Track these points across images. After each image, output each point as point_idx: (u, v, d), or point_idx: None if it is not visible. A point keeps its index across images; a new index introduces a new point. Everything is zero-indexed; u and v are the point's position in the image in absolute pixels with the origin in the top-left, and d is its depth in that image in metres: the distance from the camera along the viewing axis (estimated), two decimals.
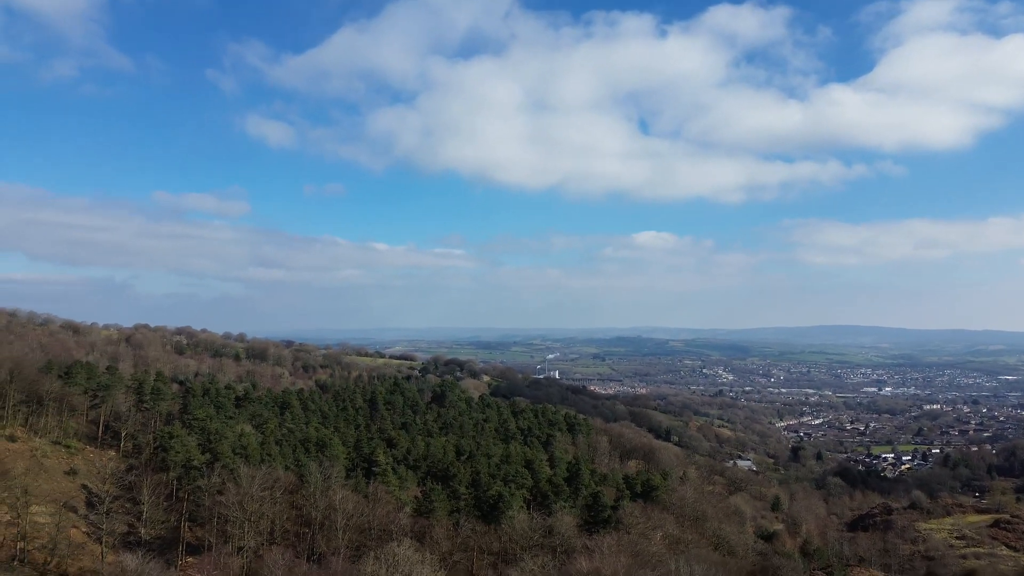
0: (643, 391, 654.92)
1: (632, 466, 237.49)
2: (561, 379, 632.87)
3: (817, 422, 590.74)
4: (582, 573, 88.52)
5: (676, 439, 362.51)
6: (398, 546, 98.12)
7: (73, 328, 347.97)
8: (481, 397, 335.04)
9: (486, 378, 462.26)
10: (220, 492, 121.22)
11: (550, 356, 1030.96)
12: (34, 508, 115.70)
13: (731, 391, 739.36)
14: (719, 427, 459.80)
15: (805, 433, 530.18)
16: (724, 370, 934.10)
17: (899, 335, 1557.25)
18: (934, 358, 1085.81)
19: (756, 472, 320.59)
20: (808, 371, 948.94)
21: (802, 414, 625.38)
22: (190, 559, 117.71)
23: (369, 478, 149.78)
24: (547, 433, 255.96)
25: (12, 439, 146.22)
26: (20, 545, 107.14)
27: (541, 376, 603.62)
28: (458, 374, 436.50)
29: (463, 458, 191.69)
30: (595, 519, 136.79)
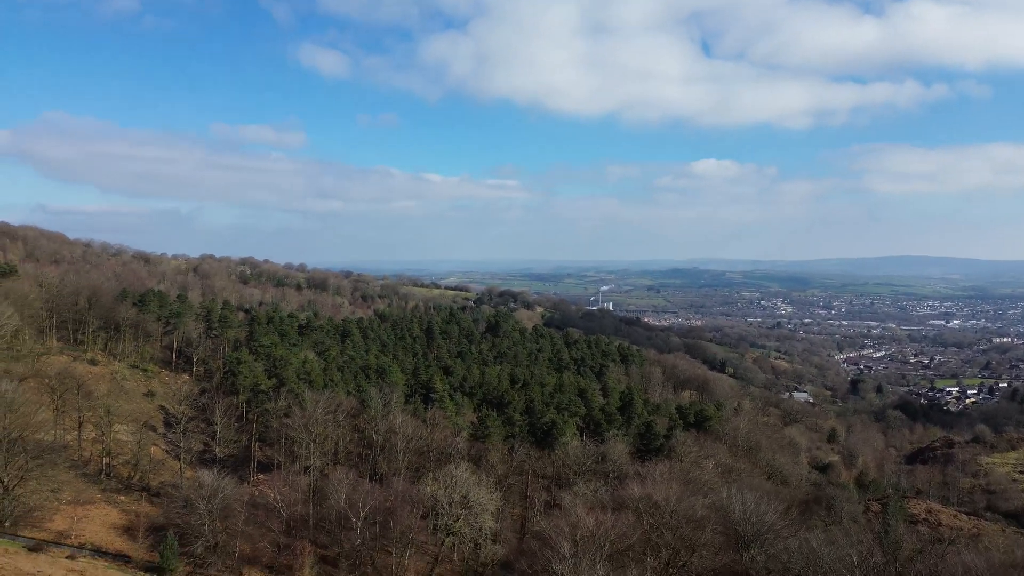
0: (698, 323, 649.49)
1: (685, 397, 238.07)
2: (615, 311, 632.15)
3: (879, 355, 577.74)
4: (634, 498, 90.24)
5: (731, 371, 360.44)
6: (455, 468, 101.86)
7: (144, 258, 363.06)
8: (535, 328, 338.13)
9: (539, 309, 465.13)
10: (286, 415, 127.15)
11: (604, 288, 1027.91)
12: (117, 427, 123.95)
13: (789, 323, 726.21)
14: (776, 359, 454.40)
15: (866, 366, 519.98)
16: (783, 302, 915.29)
17: (971, 266, 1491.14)
18: (1007, 290, 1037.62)
19: (813, 404, 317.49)
20: (871, 303, 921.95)
21: (863, 347, 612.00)
22: (261, 476, 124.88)
23: (427, 404, 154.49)
24: (600, 363, 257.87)
25: (93, 363, 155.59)
26: (106, 460, 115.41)
27: (595, 308, 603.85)
28: (512, 305, 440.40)
29: (517, 386, 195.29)
30: (647, 447, 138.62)
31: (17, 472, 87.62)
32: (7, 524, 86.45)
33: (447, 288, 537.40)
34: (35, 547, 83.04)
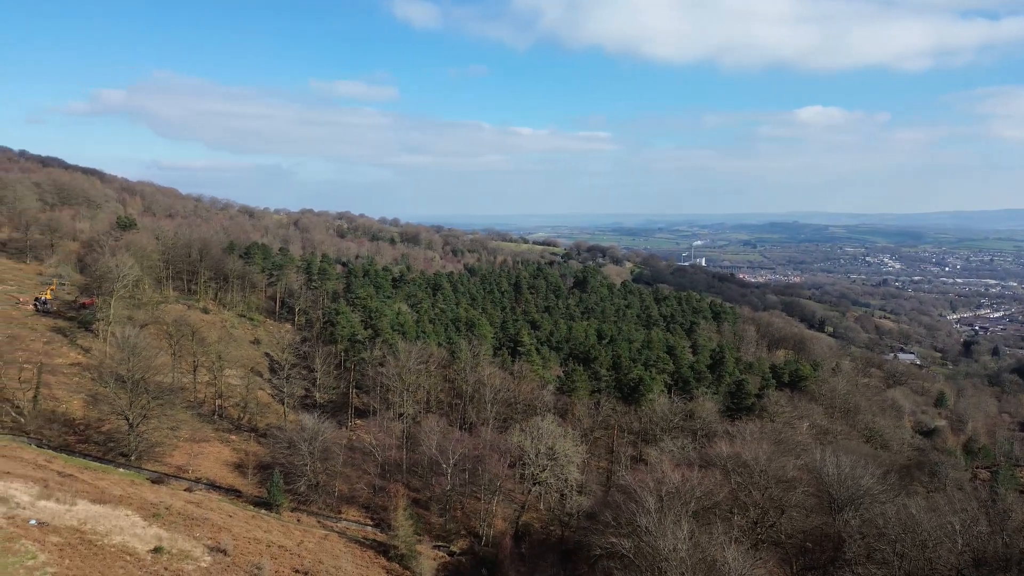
0: (796, 280, 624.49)
1: (780, 356, 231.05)
2: (707, 266, 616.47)
3: (997, 315, 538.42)
4: (722, 456, 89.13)
5: (830, 330, 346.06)
6: (542, 420, 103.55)
7: (249, 212, 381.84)
8: (623, 283, 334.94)
9: (628, 264, 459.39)
10: (381, 364, 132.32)
11: (696, 243, 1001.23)
12: (227, 371, 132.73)
13: (897, 280, 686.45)
14: (880, 319, 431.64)
15: (981, 327, 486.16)
16: (890, 258, 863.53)
17: None
18: None
19: (919, 366, 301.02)
20: (991, 260, 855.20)
21: (979, 306, 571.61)
22: (358, 422, 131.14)
23: (514, 357, 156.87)
24: (691, 320, 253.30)
25: (205, 311, 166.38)
26: (218, 402, 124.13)
27: (686, 263, 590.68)
28: (600, 260, 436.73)
29: (604, 342, 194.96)
30: (738, 406, 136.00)
31: (140, 411, 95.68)
32: (133, 458, 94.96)
33: (535, 243, 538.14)
34: (157, 479, 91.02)
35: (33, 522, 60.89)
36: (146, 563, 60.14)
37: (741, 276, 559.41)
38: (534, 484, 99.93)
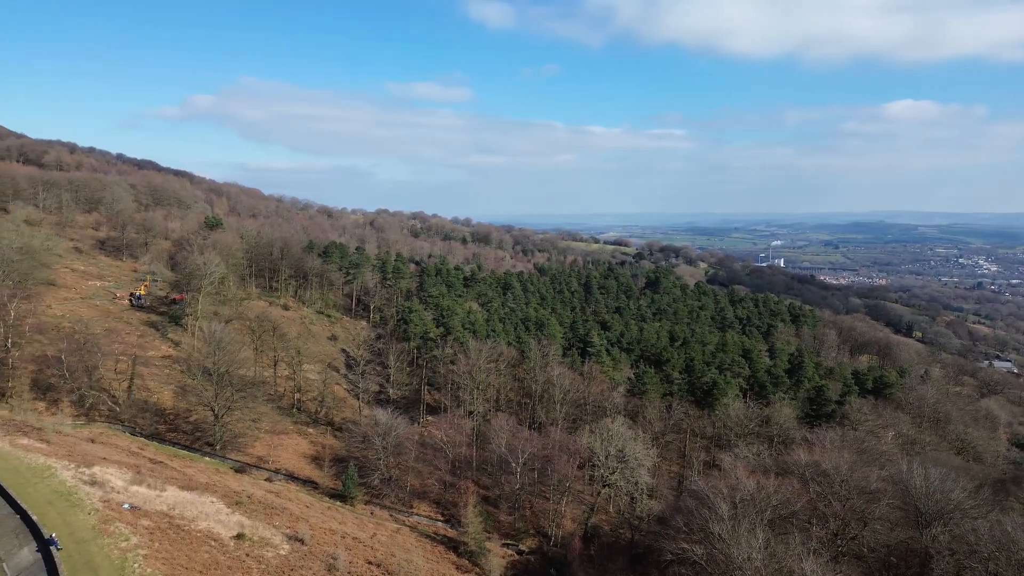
0: (882, 282, 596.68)
1: (864, 361, 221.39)
2: (786, 267, 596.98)
3: None
4: (800, 464, 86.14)
5: (919, 335, 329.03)
6: (612, 422, 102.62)
7: (327, 212, 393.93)
8: (697, 284, 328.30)
9: (702, 265, 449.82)
10: (452, 362, 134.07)
11: (775, 243, 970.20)
12: (306, 366, 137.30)
13: (993, 284, 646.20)
14: (974, 324, 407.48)
15: None
16: (986, 260, 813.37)
17: None
18: None
19: (1017, 375, 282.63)
20: None
21: None
22: (429, 418, 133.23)
23: (584, 357, 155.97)
24: (768, 323, 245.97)
25: (286, 308, 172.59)
26: (297, 396, 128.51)
27: (763, 264, 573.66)
28: (673, 260, 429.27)
29: (677, 344, 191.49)
30: (817, 413, 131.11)
31: (225, 402, 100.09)
32: (218, 447, 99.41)
33: (605, 243, 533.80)
34: (240, 469, 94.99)
35: (126, 506, 64.54)
36: (229, 548, 62.83)
37: (822, 278, 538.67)
38: (604, 486, 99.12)
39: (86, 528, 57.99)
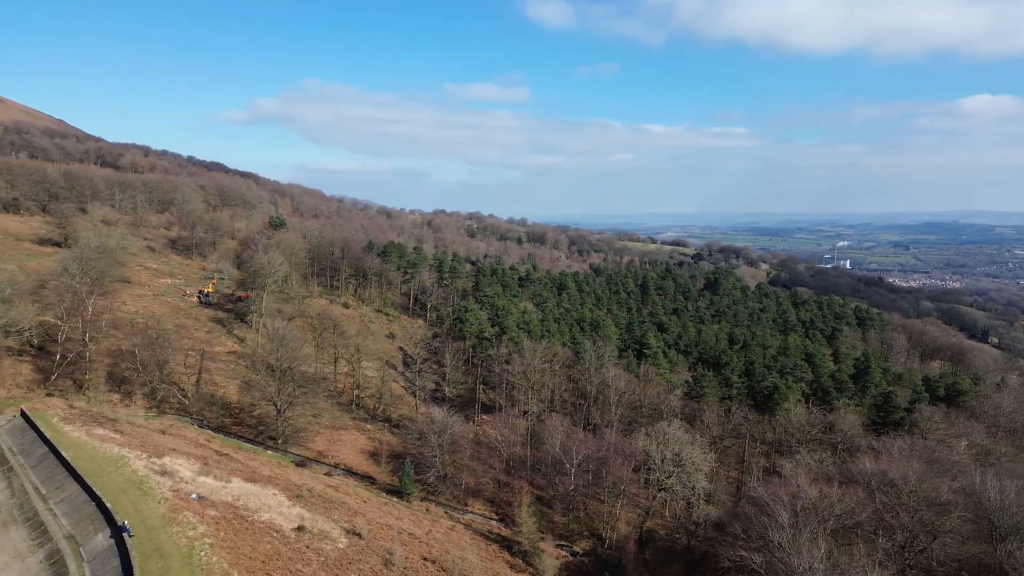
0: (955, 285, 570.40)
1: (935, 367, 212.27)
2: (852, 269, 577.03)
3: None
4: (865, 473, 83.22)
5: (995, 340, 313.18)
6: (668, 425, 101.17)
7: (386, 213, 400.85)
8: (758, 286, 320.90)
9: (764, 266, 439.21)
10: (507, 362, 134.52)
11: (840, 244, 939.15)
12: (364, 363, 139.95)
13: None
14: None
15: None
16: None
17: None
18: None
19: None
20: None
21: None
22: (484, 417, 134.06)
23: (640, 359, 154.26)
24: (832, 326, 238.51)
25: (346, 306, 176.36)
26: (356, 393, 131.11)
27: (828, 265, 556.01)
28: (733, 261, 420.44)
29: (736, 347, 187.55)
30: (884, 420, 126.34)
31: (287, 398, 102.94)
32: (280, 441, 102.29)
33: (663, 243, 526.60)
34: (301, 463, 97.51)
35: (194, 496, 67.08)
36: (290, 540, 64.61)
37: (891, 280, 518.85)
38: (659, 490, 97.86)
39: (156, 516, 60.52)
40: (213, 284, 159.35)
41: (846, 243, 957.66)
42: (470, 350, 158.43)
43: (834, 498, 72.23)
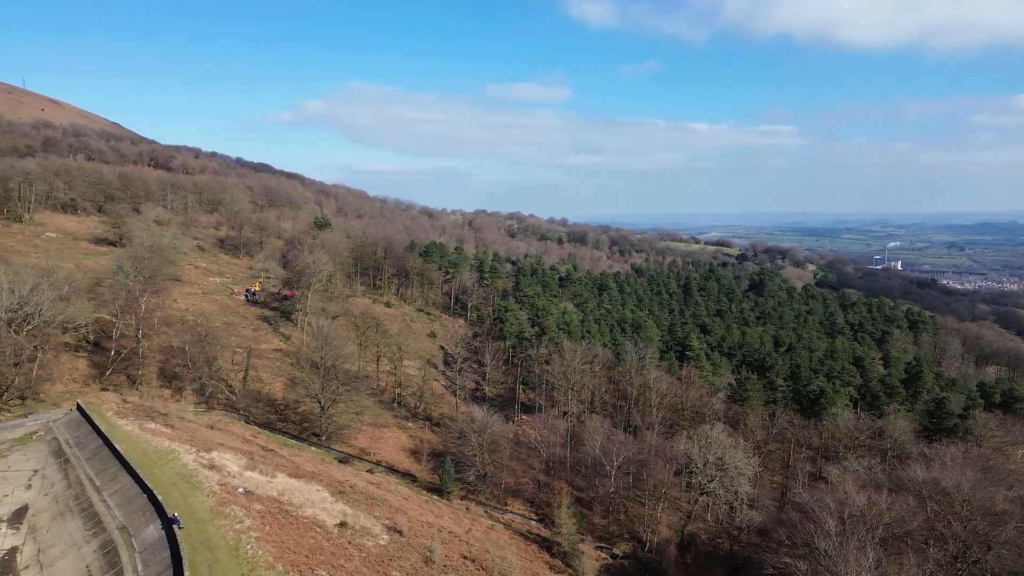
0: (1014, 287, 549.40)
1: (991, 372, 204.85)
2: (904, 270, 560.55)
3: None
4: (916, 481, 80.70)
5: None
6: (711, 429, 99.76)
7: (428, 213, 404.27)
8: (805, 287, 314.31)
9: (811, 267, 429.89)
10: (547, 362, 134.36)
11: (891, 244, 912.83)
12: (406, 362, 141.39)
13: None
14: None
15: None
16: None
17: None
18: None
19: None
20: None
21: None
22: (524, 417, 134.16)
23: (682, 361, 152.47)
24: (882, 330, 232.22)
25: (388, 305, 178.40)
26: (397, 391, 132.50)
27: (878, 267, 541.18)
28: (779, 262, 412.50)
29: (782, 349, 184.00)
30: (937, 426, 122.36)
31: (331, 395, 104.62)
32: (323, 438, 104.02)
33: (707, 243, 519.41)
34: (343, 460, 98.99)
35: (241, 490, 68.67)
36: (333, 536, 65.65)
37: (944, 282, 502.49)
38: (701, 494, 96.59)
39: (204, 509, 62.12)
40: (260, 283, 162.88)
41: (897, 244, 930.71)
42: (510, 350, 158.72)
43: (883, 506, 70.26)
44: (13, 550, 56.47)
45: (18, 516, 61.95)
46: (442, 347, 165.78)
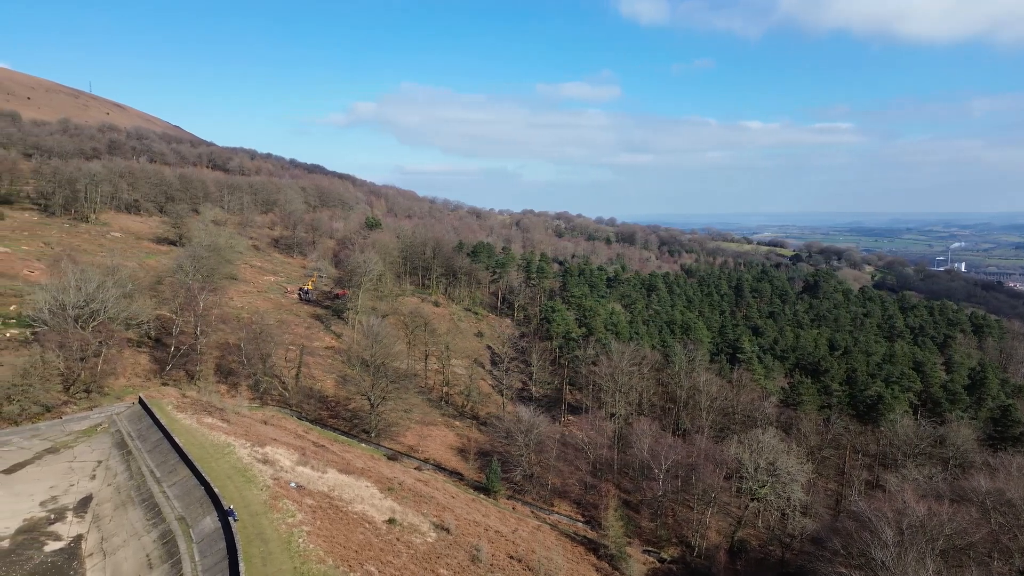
0: None
1: None
2: (968, 272, 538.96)
3: None
4: (979, 492, 77.54)
5: None
6: (762, 433, 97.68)
7: (476, 213, 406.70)
8: (862, 289, 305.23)
9: (868, 268, 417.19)
10: (594, 363, 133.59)
11: (954, 245, 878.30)
12: (454, 361, 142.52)
13: None
14: None
15: None
16: None
17: None
18: None
19: None
20: None
21: None
22: (570, 418, 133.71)
23: (733, 364, 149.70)
24: (944, 334, 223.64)
25: (436, 304, 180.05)
26: (445, 389, 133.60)
27: (940, 268, 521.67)
28: (835, 263, 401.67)
29: (837, 353, 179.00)
30: (1002, 435, 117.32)
31: (380, 393, 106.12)
32: (372, 435, 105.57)
33: (759, 243, 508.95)
34: (392, 456, 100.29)
35: (293, 485, 70.19)
36: (381, 532, 66.59)
37: (1012, 285, 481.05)
38: (752, 499, 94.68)
39: (258, 503, 63.70)
40: (312, 282, 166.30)
41: (961, 244, 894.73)
42: (557, 350, 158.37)
43: (944, 516, 67.72)
44: (79, 538, 58.89)
45: (83, 505, 64.60)
46: (489, 347, 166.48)
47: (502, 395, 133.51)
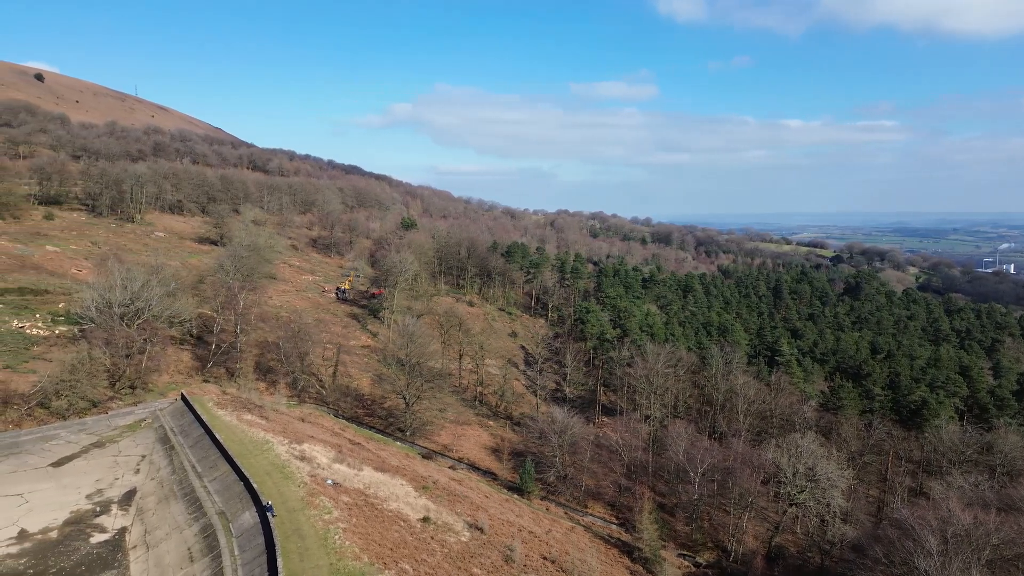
0: None
1: None
2: (1018, 274, 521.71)
3: None
4: None
5: None
6: (801, 437, 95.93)
7: (510, 213, 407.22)
8: (905, 291, 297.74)
9: (912, 270, 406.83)
10: (629, 364, 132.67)
11: (1003, 246, 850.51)
12: (487, 361, 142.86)
13: None
14: None
15: None
16: None
17: None
18: None
19: None
20: None
21: None
22: (604, 419, 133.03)
23: (771, 367, 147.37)
24: (992, 337, 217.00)
25: (471, 304, 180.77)
26: (479, 389, 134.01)
27: (988, 270, 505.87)
28: (877, 264, 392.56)
29: (879, 356, 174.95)
30: None
31: (415, 392, 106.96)
32: (407, 434, 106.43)
33: (799, 244, 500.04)
34: (427, 455, 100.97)
35: (329, 482, 71.13)
36: (416, 530, 67.10)
37: None
38: (790, 505, 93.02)
39: (296, 499, 64.71)
40: (349, 281, 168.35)
41: (1010, 245, 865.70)
42: (591, 351, 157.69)
43: (991, 526, 65.72)
44: (123, 530, 60.54)
45: (128, 498, 66.39)
46: (523, 347, 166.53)
47: (536, 395, 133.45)
